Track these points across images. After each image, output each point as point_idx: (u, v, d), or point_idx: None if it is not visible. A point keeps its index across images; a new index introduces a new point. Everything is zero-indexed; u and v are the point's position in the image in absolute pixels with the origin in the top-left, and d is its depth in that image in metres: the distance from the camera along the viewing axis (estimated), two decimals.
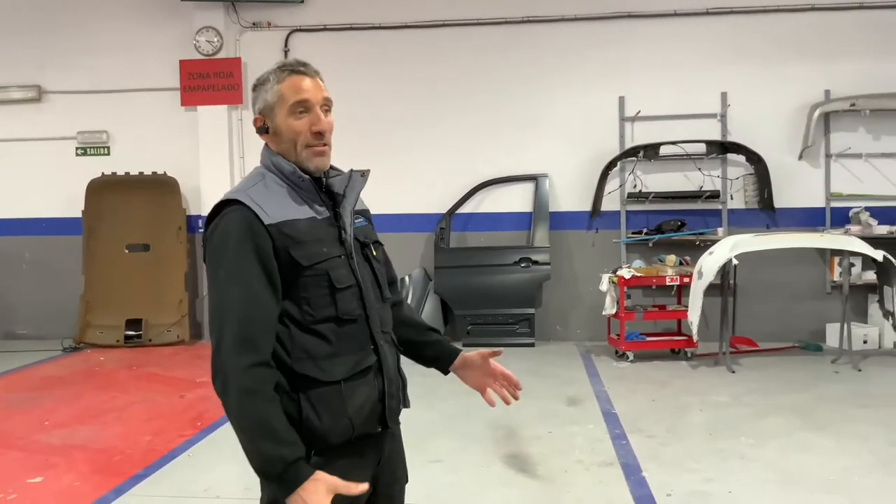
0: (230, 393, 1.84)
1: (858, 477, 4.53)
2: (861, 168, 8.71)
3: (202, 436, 5.63)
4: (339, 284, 1.97)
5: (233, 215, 1.92)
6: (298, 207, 1.98)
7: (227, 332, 1.85)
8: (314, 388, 1.92)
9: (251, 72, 9.37)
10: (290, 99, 1.99)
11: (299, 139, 2.00)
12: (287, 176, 2.00)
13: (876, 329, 8.35)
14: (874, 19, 8.59)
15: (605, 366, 7.74)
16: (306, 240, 1.95)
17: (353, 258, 2.04)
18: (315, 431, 1.91)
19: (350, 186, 2.07)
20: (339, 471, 1.92)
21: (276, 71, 2.03)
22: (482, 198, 9.08)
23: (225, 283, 1.89)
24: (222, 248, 1.91)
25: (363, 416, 1.99)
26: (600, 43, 8.90)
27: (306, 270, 1.93)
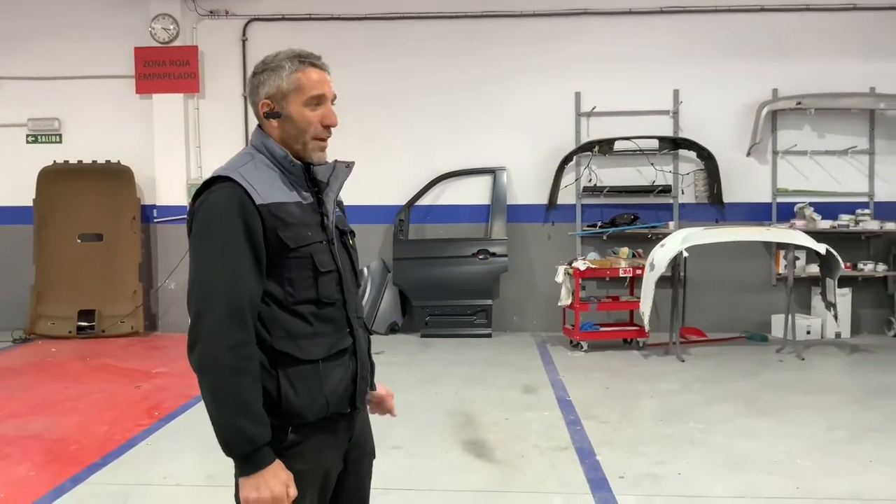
0: (213, 368, 1.88)
1: (800, 459, 4.74)
2: (806, 165, 9.04)
3: (160, 425, 5.61)
4: (322, 268, 2.03)
5: (224, 191, 1.94)
6: (287, 191, 2.03)
7: (215, 308, 1.88)
8: (293, 366, 1.98)
9: (208, 60, 9.30)
10: (309, 91, 2.04)
11: (310, 130, 2.05)
12: (278, 160, 2.04)
13: (819, 320, 8.68)
14: (820, 21, 8.91)
15: (560, 355, 7.90)
16: (294, 222, 2.00)
17: (333, 244, 2.10)
18: (292, 408, 1.97)
19: (334, 176, 2.12)
20: (315, 447, 2.03)
21: (294, 59, 2.04)
22: (441, 190, 9.17)
23: (212, 258, 1.92)
24: (210, 223, 1.93)
25: (337, 395, 2.06)
26: (557, 39, 9.05)
27: (292, 252, 1.98)
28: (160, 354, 8.26)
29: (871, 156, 8.98)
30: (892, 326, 8.83)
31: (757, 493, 4.20)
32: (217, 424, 1.90)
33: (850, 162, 9.01)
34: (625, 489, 4.26)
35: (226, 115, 9.35)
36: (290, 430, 1.99)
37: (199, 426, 5.59)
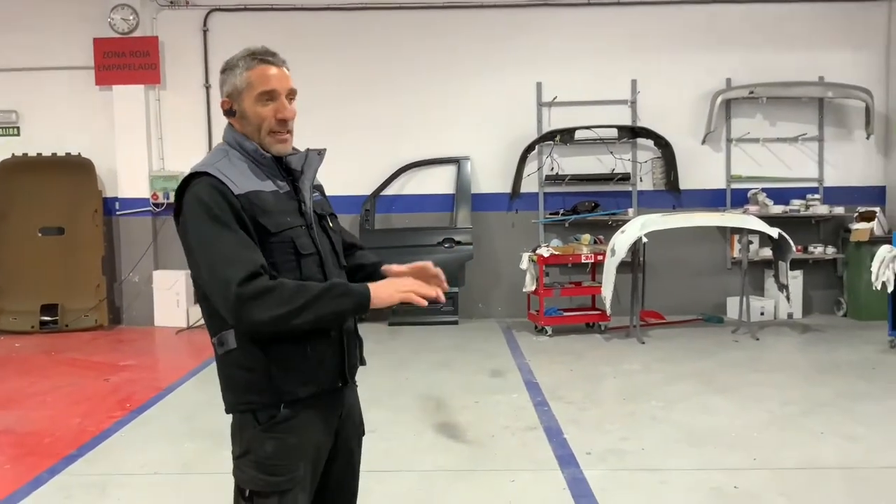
0: (282, 297, 1.96)
1: (756, 433, 4.99)
2: (758, 152, 9.36)
3: (133, 416, 5.64)
4: (303, 251, 2.13)
5: (204, 184, 2.04)
6: (262, 181, 2.13)
7: (237, 272, 1.95)
8: (283, 345, 2.07)
9: (169, 51, 9.25)
10: (258, 87, 2.11)
11: (264, 125, 2.14)
12: (250, 153, 2.15)
13: (772, 301, 9.02)
14: (771, 11, 9.22)
15: (526, 340, 8.10)
16: (272, 209, 2.10)
17: (312, 229, 2.19)
18: (284, 385, 2.08)
19: (308, 164, 2.22)
20: (307, 421, 2.13)
21: (246, 58, 2.14)
22: (406, 180, 9.28)
23: (208, 243, 2.00)
24: (203, 213, 2.01)
25: (326, 371, 2.16)
26: (519, 30, 9.21)
27: (272, 237, 2.07)
28: (126, 348, 8.24)
29: (821, 143, 9.33)
30: (841, 306, 9.22)
31: (716, 465, 4.42)
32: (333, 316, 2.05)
33: (800, 149, 9.36)
34: (591, 464, 4.45)
35: (188, 106, 9.31)
36: (282, 406, 2.09)
37: (171, 417, 5.66)
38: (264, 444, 2.09)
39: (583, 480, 4.21)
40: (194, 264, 2.05)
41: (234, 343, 2.08)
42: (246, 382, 2.10)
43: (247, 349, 2.08)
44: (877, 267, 7.26)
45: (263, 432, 2.09)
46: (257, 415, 2.10)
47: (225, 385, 2.17)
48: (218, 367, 2.18)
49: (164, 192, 9.22)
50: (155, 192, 9.21)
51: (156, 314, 9.22)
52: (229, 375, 2.14)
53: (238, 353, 2.09)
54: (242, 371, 2.10)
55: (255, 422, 2.10)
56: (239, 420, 2.15)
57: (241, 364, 2.10)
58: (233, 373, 2.12)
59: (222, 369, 2.16)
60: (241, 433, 2.13)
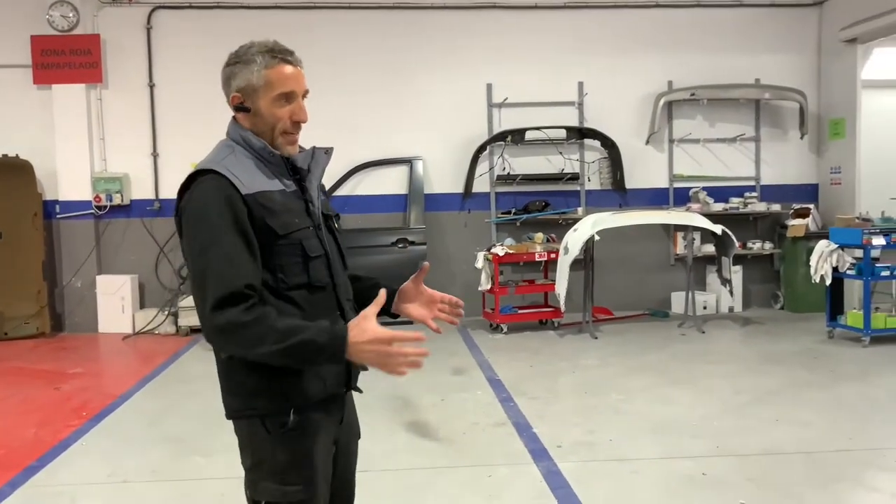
0: (246, 338, 1.90)
1: (716, 421, 5.20)
2: (699, 152, 9.69)
3: (91, 425, 5.48)
4: (312, 253, 2.07)
5: (209, 184, 1.97)
6: (269, 180, 2.06)
7: (216, 291, 1.90)
8: None
9: (111, 49, 8.99)
10: (278, 88, 2.05)
11: (278, 125, 2.08)
12: (257, 151, 2.08)
13: (714, 296, 9.36)
14: (710, 16, 9.56)
15: (482, 338, 8.19)
16: (280, 210, 2.03)
17: (320, 229, 2.15)
18: (292, 390, 2.03)
19: (315, 162, 2.16)
20: (316, 427, 2.10)
21: (265, 54, 2.05)
22: (358, 180, 9.25)
23: (206, 250, 1.94)
24: (199, 216, 1.95)
25: (334, 376, 2.11)
26: (469, 31, 9.30)
27: (281, 239, 2.01)
28: (72, 355, 7.98)
29: (757, 143, 9.73)
30: (778, 300, 9.63)
31: (682, 454, 4.59)
32: (304, 362, 1.97)
33: (738, 149, 9.73)
34: (564, 457, 4.56)
35: (131, 105, 9.08)
36: (291, 412, 2.03)
37: (132, 424, 5.53)
38: (276, 452, 2.04)
39: (557, 473, 4.32)
40: (188, 266, 2.00)
41: None
42: (253, 387, 2.03)
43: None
44: (815, 261, 7.64)
45: (274, 440, 2.04)
46: (266, 422, 2.04)
47: (228, 389, 2.10)
48: (220, 371, 2.11)
49: (106, 194, 8.96)
50: (97, 195, 8.93)
51: (100, 320, 8.95)
52: (233, 380, 2.07)
53: (242, 358, 2.00)
54: (249, 375, 2.02)
55: (264, 430, 2.04)
56: (247, 429, 2.08)
57: (246, 368, 2.01)
58: (238, 377, 2.05)
59: (225, 373, 2.09)
60: (251, 442, 2.07)
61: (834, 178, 9.55)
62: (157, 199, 9.15)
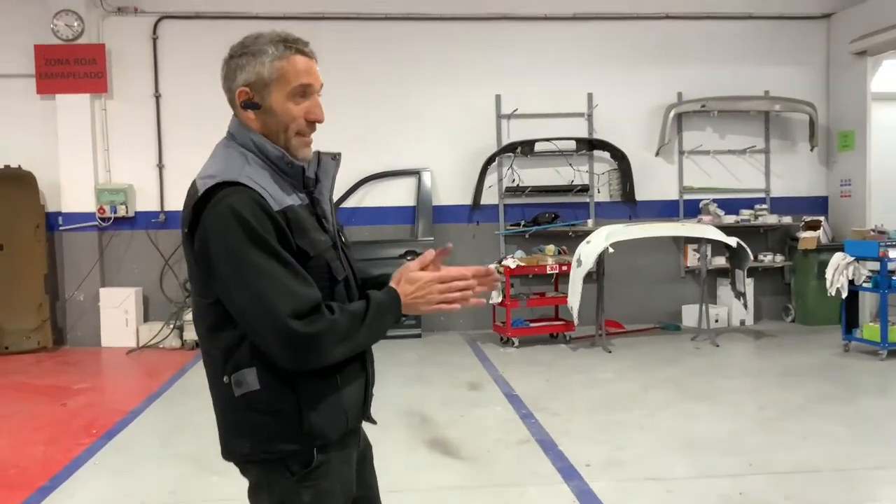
0: (340, 333, 1.76)
1: (745, 438, 5.09)
2: (709, 164, 9.64)
3: (102, 443, 5.33)
4: (338, 276, 1.89)
5: (240, 196, 1.73)
6: (289, 195, 1.84)
7: (293, 305, 1.71)
8: (312, 383, 1.84)
9: (116, 59, 8.88)
10: (294, 81, 1.84)
11: (292, 125, 1.86)
12: (273, 160, 1.85)
13: (725, 309, 9.27)
14: (720, 28, 9.53)
15: (493, 352, 8.08)
16: (308, 227, 1.84)
17: (338, 249, 1.95)
18: (315, 429, 1.84)
19: (323, 171, 1.95)
20: (338, 463, 1.93)
21: (277, 43, 1.85)
22: (365, 192, 9.15)
23: (261, 268, 1.71)
24: (238, 235, 1.70)
25: (355, 408, 1.95)
26: (477, 42, 9.23)
27: (311, 261, 1.81)
28: (76, 370, 7.82)
29: (767, 155, 9.68)
30: (789, 312, 9.56)
31: (715, 472, 4.48)
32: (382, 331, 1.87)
33: (748, 161, 9.68)
34: (595, 476, 4.44)
35: (136, 116, 8.96)
36: (316, 452, 1.87)
37: (145, 441, 5.38)
38: (301, 495, 1.86)
39: (590, 493, 4.20)
40: (229, 293, 1.74)
41: (257, 383, 1.80)
42: (270, 428, 1.83)
43: (274, 389, 1.80)
44: (831, 274, 7.56)
45: (298, 482, 1.86)
46: (288, 464, 1.85)
47: (236, 432, 1.87)
48: (226, 410, 1.87)
49: (110, 205, 8.82)
50: (101, 206, 8.79)
51: (103, 334, 8.78)
52: (246, 420, 1.84)
53: (262, 395, 1.80)
54: (266, 415, 1.82)
55: (287, 472, 1.85)
56: (266, 472, 1.88)
57: (264, 407, 1.81)
58: (251, 417, 1.83)
59: (235, 413, 1.85)
60: (271, 486, 1.87)
61: (844, 190, 9.51)
62: (163, 210, 9.02)
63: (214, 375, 1.87)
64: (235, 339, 1.80)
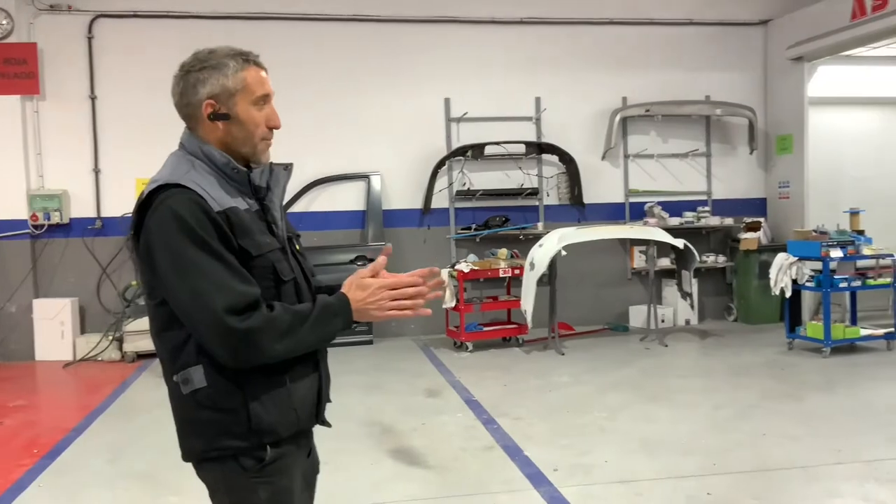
0: (277, 330, 1.80)
1: (705, 439, 5.15)
2: (653, 167, 9.80)
3: (46, 463, 5.04)
4: (284, 277, 1.94)
5: (180, 198, 1.81)
6: (234, 199, 1.92)
7: (229, 300, 1.77)
8: (260, 381, 1.89)
9: (49, 59, 8.49)
10: (258, 91, 1.94)
11: (258, 131, 1.95)
12: (219, 167, 1.93)
13: (671, 309, 9.44)
14: (662, 34, 9.71)
15: (448, 357, 8.01)
16: (252, 229, 1.90)
17: (287, 252, 2.01)
18: (263, 425, 1.89)
19: (274, 180, 2.02)
20: (292, 461, 1.99)
21: (236, 56, 1.94)
22: (314, 196, 8.97)
23: (199, 266, 1.78)
24: (178, 235, 1.78)
25: (306, 408, 2.00)
26: (425, 45, 9.17)
27: (254, 261, 1.88)
28: (10, 386, 7.42)
29: (709, 158, 9.91)
30: (731, 312, 9.79)
31: (681, 473, 4.52)
32: (325, 340, 1.93)
33: (690, 164, 9.89)
34: (563, 481, 4.41)
35: (70, 118, 8.57)
36: (268, 448, 1.91)
37: (93, 461, 5.12)
38: (257, 491, 1.91)
39: (561, 499, 4.17)
40: (171, 291, 1.81)
41: (204, 381, 1.85)
42: (220, 425, 1.88)
43: (220, 387, 1.86)
44: (775, 273, 7.77)
45: (253, 478, 1.90)
46: (241, 461, 1.90)
47: (189, 430, 1.93)
48: (178, 410, 1.94)
49: (43, 212, 8.42)
50: (34, 213, 8.39)
51: (37, 347, 8.37)
52: (195, 418, 1.90)
53: (209, 392, 1.86)
54: (215, 412, 1.87)
55: (240, 469, 1.90)
56: (219, 471, 1.92)
57: (212, 404, 1.86)
58: (201, 415, 1.88)
59: (186, 412, 1.91)
60: (227, 484, 1.92)
61: (782, 192, 9.80)
62: (99, 216, 8.64)
63: (167, 378, 1.94)
64: (181, 338, 1.86)
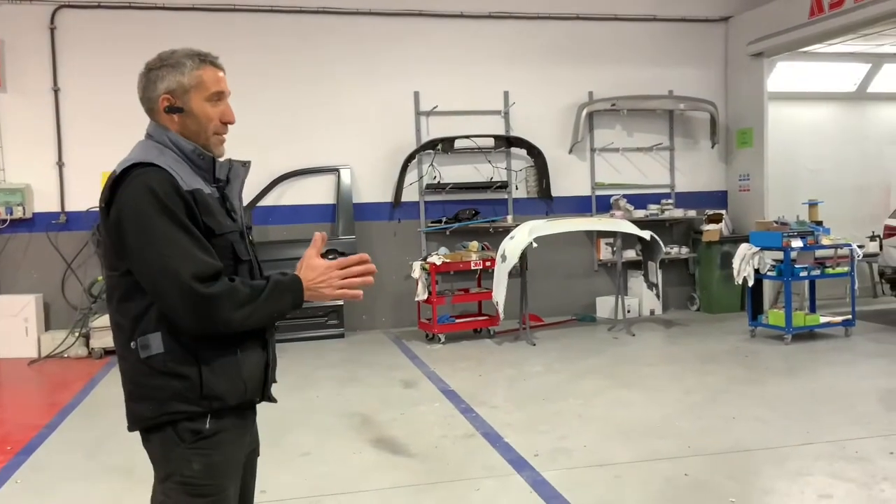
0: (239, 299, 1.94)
1: (678, 422, 5.30)
2: (618, 161, 9.98)
3: (21, 459, 4.97)
4: (242, 257, 2.12)
5: (152, 175, 1.96)
6: (200, 182, 2.08)
7: (195, 268, 1.91)
8: (213, 351, 2.01)
9: (10, 50, 8.32)
10: (212, 88, 2.11)
11: (210, 125, 2.12)
12: (186, 154, 2.09)
13: (637, 299, 9.63)
14: (626, 30, 9.88)
15: (420, 349, 8.07)
16: (215, 210, 2.06)
17: (244, 237, 2.18)
18: (214, 391, 2.01)
19: (233, 174, 2.18)
20: (231, 436, 2.09)
21: (193, 57, 2.10)
22: (283, 190, 8.93)
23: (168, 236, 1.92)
24: (147, 207, 1.92)
25: (254, 381, 2.12)
26: (393, 38, 9.19)
27: (216, 239, 2.02)
28: None
29: (672, 152, 10.13)
30: (694, 302, 10.03)
31: (658, 456, 4.64)
32: (276, 315, 2.06)
33: (654, 157, 10.09)
34: (545, 465, 4.51)
35: (33, 111, 8.41)
36: (209, 417, 2.02)
37: (69, 456, 5.06)
38: (191, 462, 2.01)
39: (544, 482, 4.27)
40: (138, 260, 1.94)
41: (162, 346, 1.98)
42: (173, 390, 1.99)
43: (177, 352, 1.98)
44: (738, 263, 7.99)
45: (189, 449, 2.01)
46: (180, 431, 2.00)
47: (141, 396, 2.03)
48: (130, 375, 2.05)
49: (6, 207, 8.24)
50: None
51: (0, 345, 8.20)
52: (150, 384, 2.00)
53: (164, 358, 1.98)
54: (169, 377, 1.98)
55: (177, 439, 2.01)
56: (159, 440, 2.03)
57: (167, 370, 1.98)
58: (154, 380, 1.99)
59: (139, 378, 2.02)
60: (165, 454, 2.04)
61: (742, 184, 10.06)
62: (64, 211, 8.50)
63: (123, 346, 2.03)
64: (143, 307, 1.98)
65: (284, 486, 4.30)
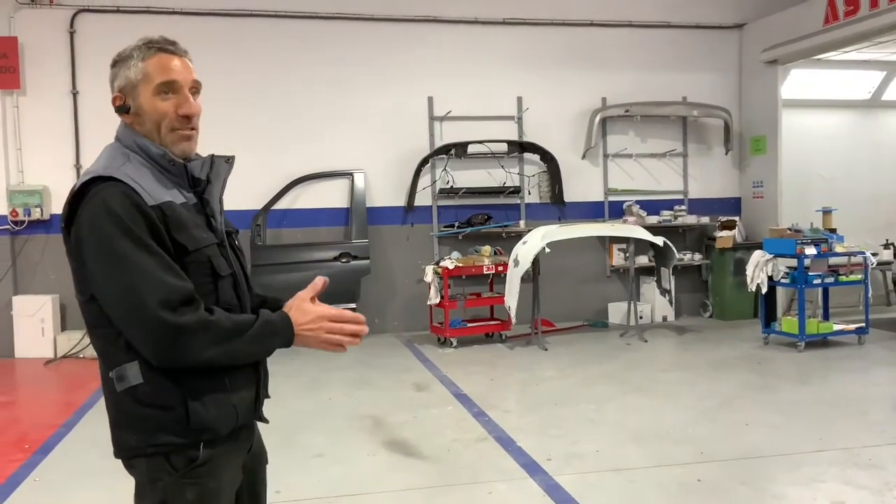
0: (215, 334, 1.76)
1: (691, 428, 5.31)
2: (632, 167, 9.99)
3: (39, 458, 5.04)
4: (221, 272, 1.91)
5: (112, 191, 1.76)
6: (169, 191, 1.88)
7: (163, 294, 1.72)
8: (198, 378, 1.84)
9: (30, 54, 8.41)
10: (157, 79, 1.87)
11: (164, 121, 1.89)
12: (155, 159, 1.89)
13: (649, 306, 9.62)
14: (640, 36, 9.89)
15: (432, 352, 8.10)
16: (187, 223, 1.86)
17: (225, 247, 1.97)
18: (203, 422, 1.85)
19: (214, 172, 1.97)
20: (224, 462, 1.93)
21: (142, 47, 1.89)
22: (298, 193, 8.99)
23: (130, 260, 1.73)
24: (107, 229, 1.73)
25: (244, 404, 1.96)
26: (409, 44, 9.24)
27: (189, 256, 1.84)
28: None
29: (685, 158, 10.12)
30: (707, 308, 10.02)
31: (671, 461, 4.66)
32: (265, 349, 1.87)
33: (667, 164, 10.09)
34: (558, 470, 4.53)
35: (51, 114, 8.50)
36: (202, 446, 1.86)
37: (86, 455, 5.10)
38: (184, 492, 1.85)
39: (557, 486, 4.29)
40: (100, 286, 1.77)
41: (140, 377, 1.81)
42: (158, 421, 1.82)
43: (157, 383, 1.81)
44: (751, 270, 7.98)
45: (182, 478, 1.85)
46: (171, 460, 1.84)
47: (127, 425, 1.85)
48: (113, 405, 1.87)
49: (24, 208, 8.33)
50: (14, 209, 8.30)
51: (17, 344, 8.29)
52: (134, 414, 1.83)
53: (145, 389, 1.81)
54: (152, 409, 1.82)
55: (169, 468, 1.84)
56: (148, 468, 1.85)
57: (149, 401, 1.82)
58: (139, 411, 1.83)
59: (121, 408, 1.85)
60: (154, 483, 1.85)
61: (756, 191, 10.05)
62: None
63: (103, 373, 1.87)
64: (113, 334, 1.81)
65: (299, 486, 4.34)
